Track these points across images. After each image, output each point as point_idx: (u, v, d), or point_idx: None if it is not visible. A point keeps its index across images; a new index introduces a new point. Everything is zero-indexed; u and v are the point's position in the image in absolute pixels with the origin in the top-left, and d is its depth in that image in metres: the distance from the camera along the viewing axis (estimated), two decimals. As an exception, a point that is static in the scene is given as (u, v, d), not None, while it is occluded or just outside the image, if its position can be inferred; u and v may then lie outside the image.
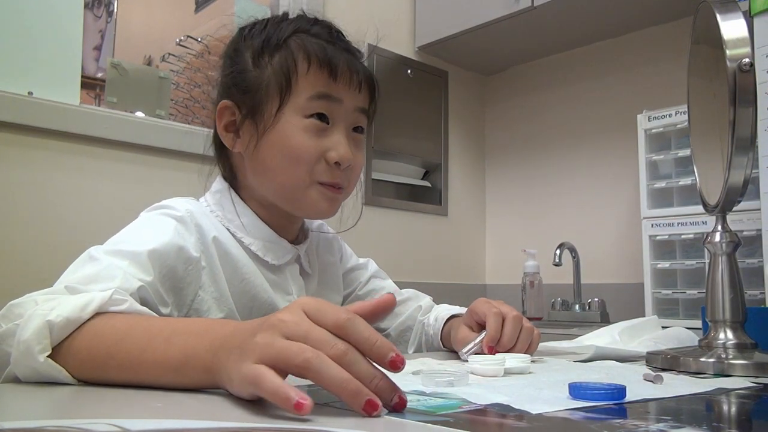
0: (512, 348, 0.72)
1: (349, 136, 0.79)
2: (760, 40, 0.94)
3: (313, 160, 0.76)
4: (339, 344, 0.41)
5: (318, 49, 0.78)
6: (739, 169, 0.66)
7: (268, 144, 0.77)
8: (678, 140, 1.53)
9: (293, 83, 0.77)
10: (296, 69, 0.77)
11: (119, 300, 0.55)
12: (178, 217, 0.74)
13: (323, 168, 0.77)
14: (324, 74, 0.77)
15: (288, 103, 0.77)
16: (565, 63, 2.14)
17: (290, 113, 0.76)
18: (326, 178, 0.77)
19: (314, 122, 0.76)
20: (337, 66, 0.77)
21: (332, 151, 0.76)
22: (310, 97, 0.76)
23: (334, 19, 0.93)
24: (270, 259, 0.79)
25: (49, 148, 1.36)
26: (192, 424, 0.37)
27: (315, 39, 0.79)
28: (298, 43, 0.78)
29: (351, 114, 0.80)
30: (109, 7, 2.43)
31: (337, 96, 0.77)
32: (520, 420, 0.39)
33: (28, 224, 1.32)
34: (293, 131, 0.76)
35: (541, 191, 2.18)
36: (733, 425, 0.42)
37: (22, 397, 0.47)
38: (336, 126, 0.78)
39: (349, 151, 0.77)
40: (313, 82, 0.77)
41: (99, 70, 2.29)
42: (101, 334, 0.52)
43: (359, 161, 0.82)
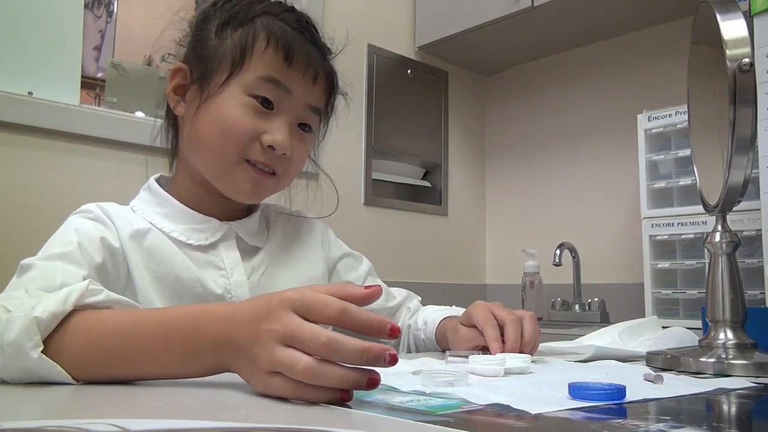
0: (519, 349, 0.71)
1: (292, 127, 0.78)
2: (760, 40, 0.94)
3: (245, 137, 0.75)
4: (321, 337, 0.43)
5: (280, 32, 0.77)
6: (739, 169, 0.66)
7: (206, 112, 0.76)
8: (678, 140, 1.53)
9: (247, 59, 0.76)
10: (253, 46, 0.76)
11: (95, 290, 0.55)
12: (93, 216, 0.76)
13: (256, 149, 0.76)
14: (279, 58, 0.76)
15: (236, 77, 0.76)
16: (565, 63, 2.14)
17: (235, 87, 0.76)
18: (256, 158, 0.76)
19: (255, 103, 0.75)
20: (294, 53, 0.76)
21: (268, 134, 0.75)
22: (259, 76, 0.75)
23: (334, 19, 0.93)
24: (194, 240, 0.79)
25: (49, 148, 1.36)
26: (192, 424, 0.37)
27: (282, 23, 0.78)
28: (263, 23, 0.77)
29: (299, 108, 0.78)
30: (109, 7, 2.43)
31: (287, 84, 0.76)
32: (520, 420, 0.39)
33: (28, 224, 1.32)
34: (232, 105, 0.75)
35: (541, 191, 2.18)
36: (733, 425, 0.42)
37: (22, 397, 0.47)
38: (279, 114, 0.77)
39: (286, 139, 0.76)
40: (266, 62, 0.76)
41: (99, 70, 2.29)
42: (92, 330, 0.52)
43: (300, 156, 0.80)
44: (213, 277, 0.78)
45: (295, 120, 0.79)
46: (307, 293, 0.46)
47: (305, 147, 0.82)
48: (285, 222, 0.91)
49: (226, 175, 0.77)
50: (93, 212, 0.77)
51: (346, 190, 1.92)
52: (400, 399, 0.45)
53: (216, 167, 0.78)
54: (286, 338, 0.44)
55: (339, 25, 1.98)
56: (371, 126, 1.97)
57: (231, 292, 0.78)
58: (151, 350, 0.50)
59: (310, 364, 0.43)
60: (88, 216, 0.76)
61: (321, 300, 0.45)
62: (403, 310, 0.98)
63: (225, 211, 0.83)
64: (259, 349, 0.45)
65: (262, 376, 0.45)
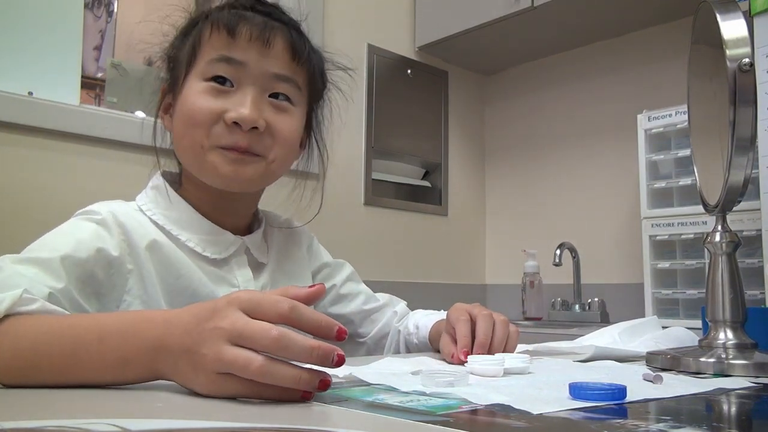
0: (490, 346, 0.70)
1: (261, 98, 0.74)
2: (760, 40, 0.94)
3: (208, 121, 0.72)
4: (272, 332, 0.44)
5: (224, 15, 0.75)
6: (739, 169, 0.66)
7: (177, 113, 0.76)
8: (678, 140, 1.53)
9: (198, 50, 0.75)
10: (200, 36, 0.76)
11: (29, 299, 0.54)
12: (99, 219, 0.72)
13: (221, 130, 0.72)
14: (222, 36, 0.74)
15: (192, 70, 0.75)
16: (565, 63, 2.14)
17: (193, 79, 0.75)
18: (226, 141, 0.72)
19: (212, 85, 0.73)
20: (236, 26, 0.74)
21: (231, 111, 0.72)
22: (209, 60, 0.74)
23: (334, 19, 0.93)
24: (210, 253, 0.76)
25: (49, 148, 1.36)
26: (192, 424, 0.37)
27: (233, 9, 0.76)
28: (212, 15, 0.76)
29: (262, 78, 0.74)
30: (109, 7, 2.43)
31: (238, 58, 0.73)
32: (520, 420, 0.39)
33: (28, 224, 1.32)
34: (191, 95, 0.74)
35: (541, 191, 2.18)
36: (733, 425, 0.42)
37: (22, 397, 0.47)
38: (241, 89, 0.74)
39: (252, 112, 0.71)
40: (213, 45, 0.74)
41: (99, 70, 2.29)
42: (22, 335, 0.51)
43: (283, 129, 0.75)
44: (221, 289, 0.76)
45: (262, 91, 0.75)
46: (255, 293, 0.47)
47: (288, 119, 0.76)
48: (278, 235, 0.88)
49: (202, 163, 0.74)
50: (100, 215, 0.73)
51: (346, 190, 1.92)
52: (400, 399, 0.45)
53: (192, 159, 0.76)
54: (234, 336, 0.44)
55: (339, 25, 1.99)
56: (371, 126, 1.97)
57: None
58: (83, 355, 0.49)
59: (265, 363, 0.43)
60: (92, 218, 0.72)
61: (270, 298, 0.46)
62: (387, 313, 0.96)
63: (236, 219, 0.81)
64: (204, 350, 0.44)
65: (210, 377, 0.44)
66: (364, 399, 0.45)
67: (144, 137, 0.86)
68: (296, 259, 0.89)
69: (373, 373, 0.54)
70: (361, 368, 0.56)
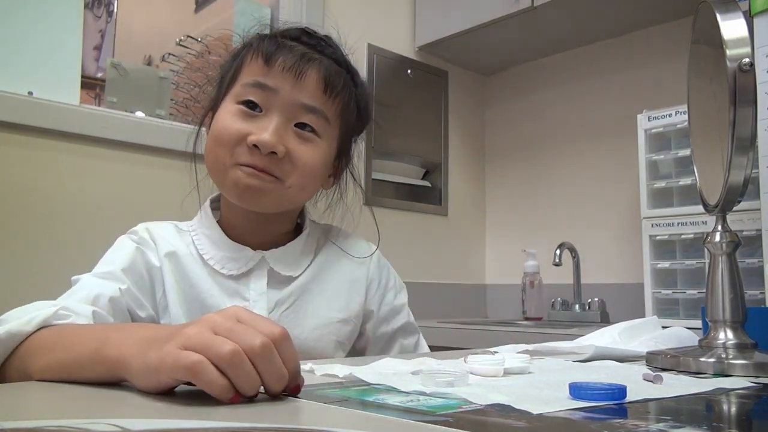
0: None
1: (285, 127, 0.77)
2: (760, 40, 0.94)
3: (232, 141, 0.76)
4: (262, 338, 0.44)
5: (266, 43, 0.79)
6: (739, 169, 0.66)
7: (210, 130, 0.82)
8: (678, 140, 1.52)
9: (238, 73, 0.81)
10: (243, 60, 0.81)
11: (63, 315, 0.62)
12: (137, 238, 0.82)
13: (243, 150, 0.76)
14: (260, 62, 0.78)
15: (230, 91, 0.80)
16: (565, 63, 2.14)
17: (228, 100, 0.80)
18: (245, 160, 0.76)
19: (242, 108, 0.78)
20: (273, 54, 0.78)
21: (253, 135, 0.75)
22: (244, 84, 0.78)
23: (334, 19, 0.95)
24: (227, 270, 0.81)
25: (49, 148, 1.36)
26: (192, 424, 0.37)
27: (278, 38, 0.81)
28: (257, 42, 0.81)
29: (291, 107, 0.77)
30: (109, 7, 2.43)
31: (271, 85, 0.77)
32: (520, 420, 0.39)
33: (28, 224, 1.32)
34: (223, 115, 0.79)
35: (541, 191, 2.18)
36: (733, 425, 0.42)
37: (22, 397, 0.47)
38: (269, 114, 0.77)
39: (273, 138, 0.75)
40: (251, 70, 0.79)
41: (99, 70, 2.29)
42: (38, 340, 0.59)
43: (303, 157, 0.78)
44: (232, 301, 0.78)
45: (288, 119, 0.78)
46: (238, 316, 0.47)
47: (310, 149, 0.79)
48: (331, 250, 0.89)
49: (223, 180, 0.79)
50: (138, 234, 0.82)
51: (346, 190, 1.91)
52: (400, 399, 0.45)
53: (216, 174, 0.80)
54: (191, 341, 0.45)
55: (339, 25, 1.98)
56: (371, 126, 1.97)
57: None
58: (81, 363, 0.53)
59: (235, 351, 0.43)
60: (133, 238, 0.82)
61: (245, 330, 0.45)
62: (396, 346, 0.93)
63: (264, 237, 0.84)
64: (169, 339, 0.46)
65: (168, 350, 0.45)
66: (364, 399, 0.45)
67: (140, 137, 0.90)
68: (342, 276, 0.88)
69: (373, 373, 0.54)
70: (361, 368, 0.56)
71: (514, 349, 0.77)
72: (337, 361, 0.71)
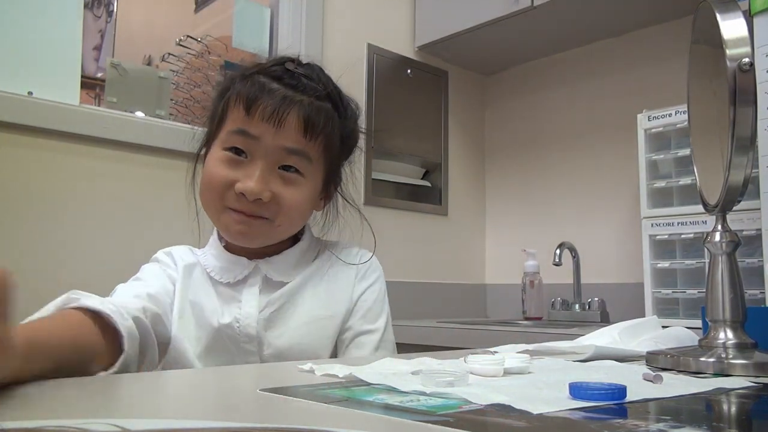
0: None
1: (270, 172, 0.83)
2: (760, 40, 0.94)
3: (221, 188, 0.83)
4: None
5: (249, 87, 0.83)
6: (739, 169, 0.66)
7: (203, 171, 0.88)
8: (678, 140, 1.52)
9: (224, 116, 0.86)
10: (228, 105, 0.85)
11: (74, 299, 0.67)
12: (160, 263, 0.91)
13: (232, 195, 0.83)
14: (241, 111, 0.82)
15: (218, 134, 0.86)
16: (565, 63, 2.14)
17: (215, 146, 0.85)
18: (234, 205, 0.83)
19: (228, 155, 0.83)
20: (252, 103, 0.82)
21: (239, 183, 0.81)
22: (228, 131, 0.84)
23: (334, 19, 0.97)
24: (223, 279, 0.88)
25: (49, 148, 1.36)
26: (192, 424, 0.37)
27: (264, 78, 0.84)
28: (241, 81, 0.85)
29: (274, 152, 0.82)
30: (109, 7, 2.43)
31: (253, 133, 0.82)
32: (520, 420, 0.39)
33: (28, 224, 1.32)
34: (211, 161, 0.85)
35: (541, 191, 2.18)
36: (733, 425, 0.42)
37: (22, 397, 0.47)
38: (253, 161, 0.82)
39: (257, 185, 0.80)
40: (234, 117, 0.84)
41: (99, 70, 2.29)
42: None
43: (288, 198, 0.84)
44: (230, 309, 0.87)
45: (273, 163, 0.83)
46: None
47: (295, 190, 0.84)
48: (327, 258, 0.95)
49: (217, 221, 0.86)
50: (160, 260, 0.91)
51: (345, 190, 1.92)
52: (400, 399, 0.45)
53: (210, 216, 0.88)
54: None
55: (339, 25, 1.99)
56: (371, 126, 1.97)
57: (239, 321, 0.86)
58: None
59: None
60: (153, 262, 0.92)
61: None
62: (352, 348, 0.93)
63: (261, 249, 0.90)
64: None
65: None
66: (364, 399, 0.45)
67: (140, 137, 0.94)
68: (330, 287, 0.92)
69: (373, 373, 0.54)
70: (361, 368, 0.56)
71: (514, 349, 0.77)
72: (337, 361, 0.72)
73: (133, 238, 1.39)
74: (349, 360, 0.74)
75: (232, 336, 0.85)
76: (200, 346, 0.85)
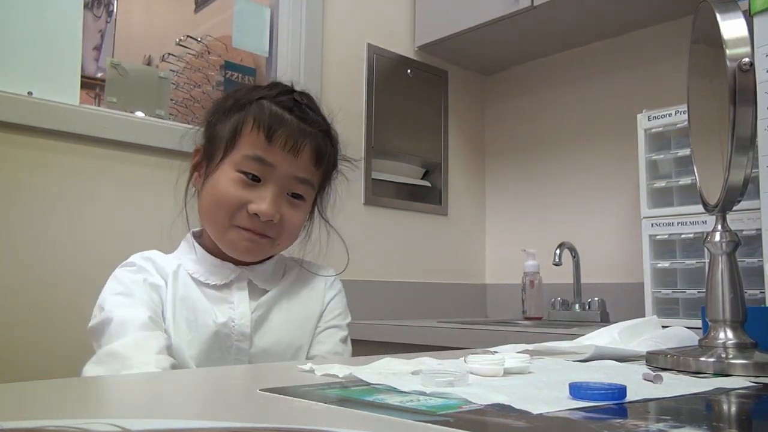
0: None
1: (281, 196, 0.89)
2: (760, 40, 0.93)
3: (233, 207, 0.87)
4: None
5: (267, 114, 0.88)
6: (739, 169, 0.66)
7: (207, 187, 0.91)
8: (678, 140, 1.52)
9: (237, 140, 0.88)
10: (242, 128, 0.88)
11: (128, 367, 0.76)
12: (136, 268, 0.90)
13: (243, 215, 0.87)
14: (261, 138, 0.87)
15: (228, 156, 0.89)
16: (565, 63, 2.14)
17: (228, 165, 0.88)
18: (244, 224, 0.88)
19: (243, 177, 0.87)
20: (275, 132, 0.87)
21: (253, 203, 0.87)
22: (245, 155, 0.87)
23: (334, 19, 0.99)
24: (211, 281, 0.92)
25: (49, 148, 1.36)
26: (192, 424, 0.37)
27: (274, 105, 0.89)
28: (255, 107, 0.89)
29: (286, 179, 0.89)
30: (108, 7, 2.43)
31: (270, 160, 0.87)
32: (520, 420, 0.39)
33: (28, 224, 1.32)
34: (224, 180, 0.88)
35: (541, 191, 2.18)
36: (733, 425, 0.42)
37: (22, 397, 0.47)
38: (266, 185, 0.88)
39: (271, 208, 0.87)
40: (252, 143, 0.88)
41: (99, 70, 2.29)
42: None
43: (291, 221, 0.91)
44: (222, 309, 0.90)
45: (283, 190, 0.90)
46: None
47: (297, 213, 0.92)
48: (299, 273, 1.02)
49: (222, 238, 0.90)
50: (136, 264, 0.91)
51: (346, 190, 1.91)
52: (400, 399, 0.45)
53: (214, 231, 0.91)
54: None
55: (339, 25, 1.99)
56: (371, 126, 1.97)
57: (234, 320, 0.90)
58: None
59: None
60: (131, 269, 0.90)
61: None
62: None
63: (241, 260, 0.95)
64: None
65: None
66: (364, 399, 0.45)
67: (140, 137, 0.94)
68: (304, 295, 1.00)
69: (373, 373, 0.54)
70: (361, 368, 0.56)
71: (514, 349, 0.77)
72: (337, 360, 0.72)
73: (133, 237, 1.39)
74: (348, 360, 0.75)
75: (228, 335, 0.90)
76: (194, 347, 0.88)
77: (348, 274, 1.10)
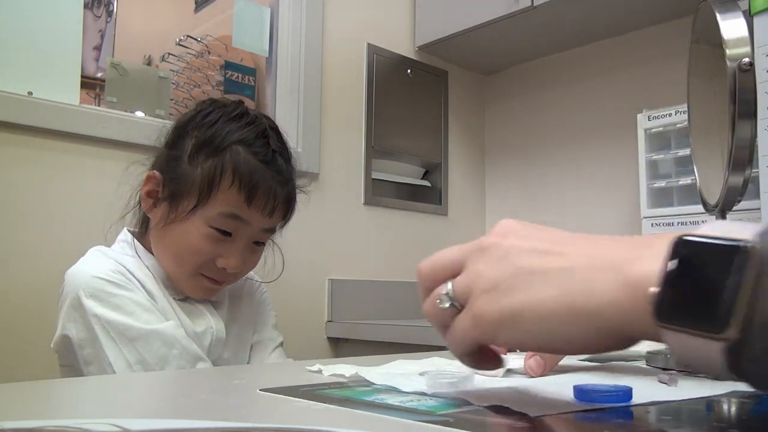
0: None
1: (248, 247, 0.90)
2: (760, 40, 0.94)
3: (200, 260, 0.87)
4: None
5: (246, 169, 0.84)
6: (739, 169, 0.66)
7: (173, 232, 0.87)
8: (678, 140, 1.52)
9: (212, 193, 0.84)
10: (220, 182, 0.84)
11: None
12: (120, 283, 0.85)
13: (211, 267, 0.87)
14: (241, 198, 0.84)
15: (201, 209, 0.85)
16: (565, 63, 2.14)
17: (199, 219, 0.85)
18: (211, 275, 0.88)
19: (215, 233, 0.86)
20: (256, 193, 0.85)
21: (222, 259, 0.87)
22: (221, 213, 0.85)
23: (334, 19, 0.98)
24: (175, 295, 0.90)
25: (49, 148, 1.36)
26: (192, 424, 0.37)
27: (252, 156, 0.85)
28: (232, 156, 0.84)
29: (255, 233, 0.89)
30: (108, 6, 2.43)
31: (245, 218, 0.86)
32: (520, 420, 0.39)
33: (28, 224, 1.32)
34: (195, 234, 0.85)
35: (540, 191, 2.18)
36: (734, 425, 0.42)
37: (22, 397, 0.47)
38: (236, 239, 0.87)
39: (239, 263, 0.88)
40: (229, 200, 0.85)
41: (99, 70, 2.29)
42: None
43: (253, 262, 0.93)
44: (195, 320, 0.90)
45: (251, 239, 0.90)
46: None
47: (258, 255, 0.94)
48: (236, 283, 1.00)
49: (184, 281, 0.89)
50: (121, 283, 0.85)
51: (346, 190, 1.92)
52: (400, 399, 0.45)
53: (176, 273, 0.89)
54: None
55: (339, 25, 1.99)
56: (371, 126, 1.97)
57: (213, 326, 0.91)
58: None
59: None
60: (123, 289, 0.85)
61: None
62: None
63: None
64: None
65: None
66: (364, 399, 0.45)
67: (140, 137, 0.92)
68: (245, 305, 1.02)
69: (377, 374, 0.54)
70: (368, 369, 0.56)
71: (515, 349, 0.76)
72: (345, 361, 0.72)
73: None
74: (357, 360, 0.75)
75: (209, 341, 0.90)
76: None
77: (348, 274, 1.10)
